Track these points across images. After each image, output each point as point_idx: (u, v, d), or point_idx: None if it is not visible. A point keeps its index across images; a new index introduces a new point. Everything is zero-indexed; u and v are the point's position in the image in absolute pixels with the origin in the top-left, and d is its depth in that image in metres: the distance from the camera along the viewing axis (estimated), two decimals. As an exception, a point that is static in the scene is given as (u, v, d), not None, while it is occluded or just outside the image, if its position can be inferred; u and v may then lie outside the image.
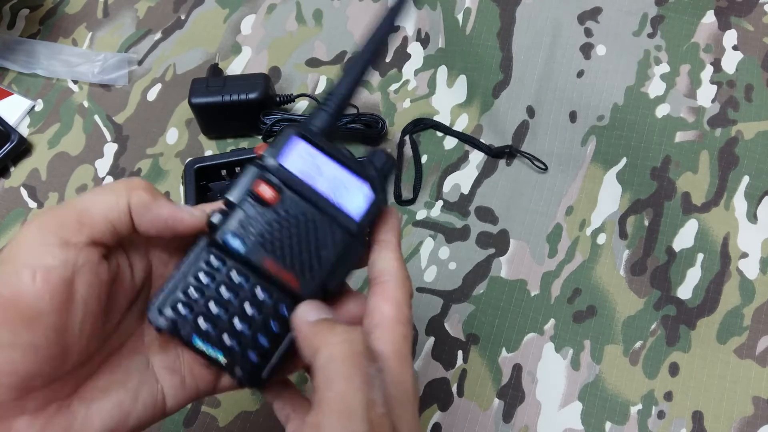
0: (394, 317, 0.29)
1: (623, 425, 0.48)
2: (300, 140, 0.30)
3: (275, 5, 0.66)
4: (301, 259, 0.29)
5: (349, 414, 0.24)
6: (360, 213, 0.30)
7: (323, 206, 0.30)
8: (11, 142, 0.59)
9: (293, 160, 0.30)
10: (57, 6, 0.68)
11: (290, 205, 0.30)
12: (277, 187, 0.29)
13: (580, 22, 0.62)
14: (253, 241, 0.29)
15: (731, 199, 0.55)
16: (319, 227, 0.30)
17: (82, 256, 0.26)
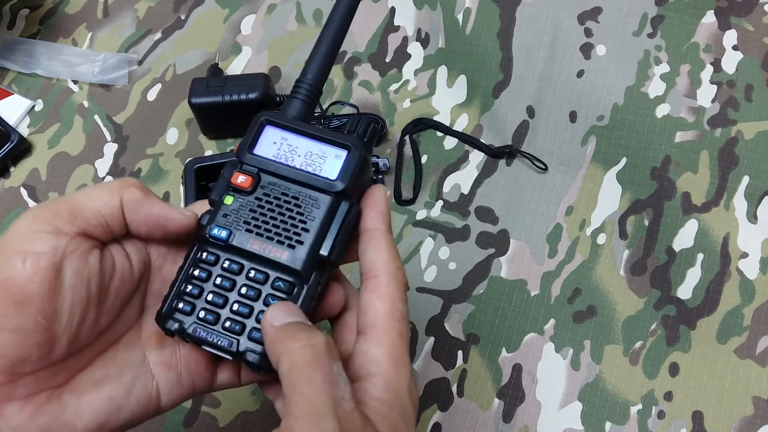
0: (388, 314, 0.28)
1: (623, 425, 0.48)
2: (269, 126, 0.31)
3: (275, 5, 0.66)
4: (287, 232, 0.30)
5: (316, 414, 0.24)
6: (337, 171, 0.30)
7: (301, 179, 0.30)
8: (11, 142, 0.59)
9: (265, 147, 0.31)
10: (57, 6, 0.68)
11: (269, 187, 0.30)
12: (252, 174, 0.30)
13: (580, 22, 0.62)
14: (238, 227, 0.30)
15: (731, 199, 0.55)
16: (300, 199, 0.30)
17: (72, 243, 0.27)
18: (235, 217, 0.30)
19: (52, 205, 0.28)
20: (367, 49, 0.63)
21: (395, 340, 0.28)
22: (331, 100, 0.61)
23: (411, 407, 0.28)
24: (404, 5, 0.64)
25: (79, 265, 0.27)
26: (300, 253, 0.29)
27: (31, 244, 0.26)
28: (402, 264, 0.30)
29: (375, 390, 0.27)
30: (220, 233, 0.30)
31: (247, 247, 0.30)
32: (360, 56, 0.63)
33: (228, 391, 0.50)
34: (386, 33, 0.63)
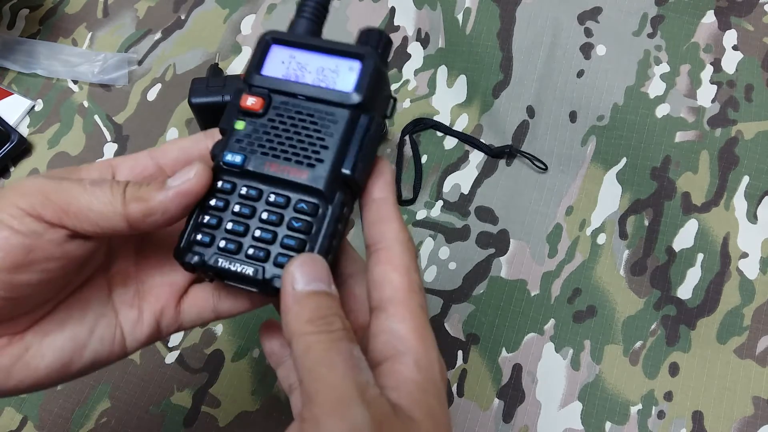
0: (407, 287, 0.26)
1: (623, 425, 0.48)
2: (275, 45, 0.29)
3: (275, 5, 0.66)
4: (305, 152, 0.28)
5: (343, 402, 0.23)
6: (353, 83, 0.28)
7: (315, 95, 0.28)
8: (11, 142, 0.59)
9: (274, 66, 0.29)
10: (57, 6, 0.68)
11: (281, 107, 0.29)
12: (263, 95, 0.29)
13: (580, 22, 0.62)
14: (252, 151, 0.28)
15: (731, 199, 0.55)
16: (316, 116, 0.28)
17: (51, 233, 0.26)
18: (248, 142, 0.28)
19: (51, 190, 0.26)
20: (367, 49, 0.63)
21: (419, 314, 0.26)
22: (331, 100, 0.61)
23: (443, 387, 0.26)
24: (404, 5, 0.64)
25: (52, 251, 0.26)
26: (321, 171, 0.27)
27: (9, 218, 0.26)
28: (411, 236, 0.28)
29: (406, 370, 0.25)
30: (234, 159, 0.28)
31: (265, 171, 0.28)
32: (360, 56, 0.63)
33: (228, 392, 0.50)
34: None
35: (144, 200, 0.27)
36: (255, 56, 0.29)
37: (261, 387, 0.50)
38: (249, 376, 0.51)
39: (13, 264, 0.26)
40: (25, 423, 0.50)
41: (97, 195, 0.26)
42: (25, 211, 0.26)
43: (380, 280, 0.27)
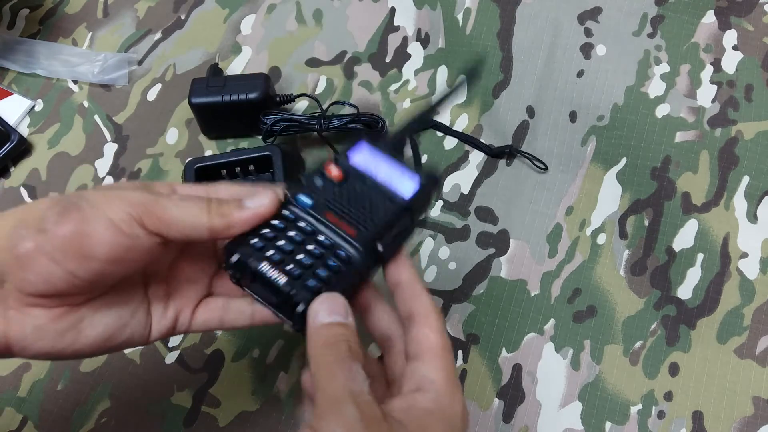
0: (442, 345, 0.32)
1: (623, 425, 0.48)
2: (364, 143, 0.37)
3: (275, 5, 0.66)
4: (358, 217, 0.34)
5: (337, 403, 0.28)
6: (410, 193, 0.35)
7: (379, 187, 0.36)
8: (11, 142, 0.59)
9: (358, 157, 0.37)
10: (57, 6, 0.68)
11: (352, 183, 0.36)
12: (343, 169, 0.36)
13: (580, 22, 0.62)
14: (320, 201, 0.35)
15: (731, 199, 0.55)
16: (374, 199, 0.35)
17: (148, 239, 0.32)
18: (319, 194, 0.35)
19: (150, 202, 0.32)
20: (367, 49, 0.63)
21: (451, 369, 0.32)
22: (331, 100, 0.61)
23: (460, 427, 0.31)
24: (404, 5, 0.64)
25: (143, 253, 0.32)
26: (365, 235, 0.34)
27: (120, 221, 0.31)
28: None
29: (423, 400, 0.31)
30: (306, 200, 0.35)
31: (324, 218, 0.34)
32: (360, 56, 0.63)
33: (228, 391, 0.50)
34: (386, 33, 0.63)
35: (226, 216, 0.33)
36: (348, 144, 0.37)
37: (261, 387, 0.50)
38: (249, 376, 0.51)
39: (112, 258, 0.31)
40: (25, 423, 0.50)
41: (186, 208, 0.33)
42: (132, 217, 0.31)
43: (420, 338, 0.33)
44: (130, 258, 0.32)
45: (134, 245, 0.32)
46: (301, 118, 0.56)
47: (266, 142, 0.57)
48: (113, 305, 0.34)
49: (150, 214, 0.32)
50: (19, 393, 0.51)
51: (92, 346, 0.33)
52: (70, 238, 0.30)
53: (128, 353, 0.52)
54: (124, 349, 0.35)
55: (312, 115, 0.57)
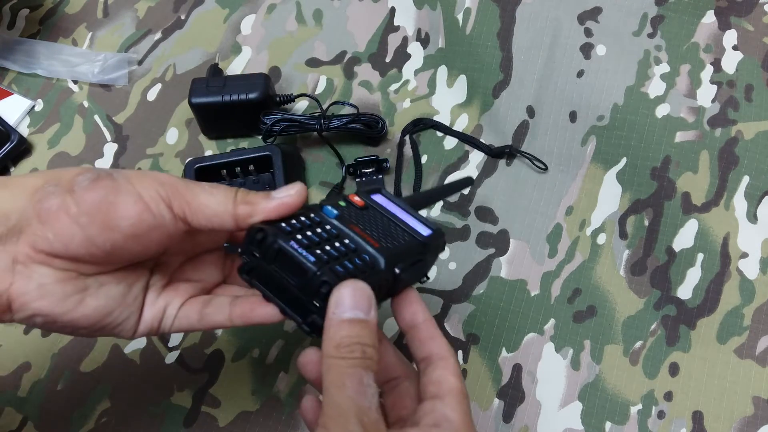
0: (462, 390, 0.33)
1: (623, 425, 0.48)
2: (380, 195, 0.38)
3: (275, 5, 0.66)
4: (381, 234, 0.35)
5: (343, 418, 0.28)
6: (426, 232, 0.36)
7: (399, 221, 0.36)
8: (11, 142, 0.59)
9: (377, 198, 0.38)
10: (57, 6, 0.68)
11: (373, 212, 0.36)
12: (365, 200, 0.37)
13: (580, 22, 0.62)
14: (344, 214, 0.35)
15: (731, 199, 0.55)
16: (394, 228, 0.36)
17: (173, 223, 0.32)
18: (343, 210, 0.35)
19: (180, 186, 0.32)
20: (367, 49, 0.63)
21: (469, 412, 0.33)
22: (331, 100, 0.61)
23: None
24: (404, 5, 0.64)
25: (164, 236, 0.32)
26: (387, 249, 0.34)
27: (149, 199, 0.31)
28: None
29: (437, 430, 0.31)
30: (331, 211, 0.35)
31: (348, 229, 0.34)
32: (360, 56, 0.63)
33: (228, 391, 0.50)
34: (386, 33, 0.63)
35: (252, 204, 0.33)
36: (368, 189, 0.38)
37: (261, 387, 0.50)
38: (249, 376, 0.51)
39: (134, 233, 0.31)
40: (25, 423, 0.50)
41: (215, 194, 0.33)
42: (161, 197, 0.32)
43: (440, 380, 0.33)
44: (150, 238, 0.32)
45: (158, 225, 0.32)
46: (301, 118, 0.56)
47: (266, 142, 0.57)
48: (119, 282, 0.34)
49: (179, 197, 0.32)
50: (19, 393, 0.51)
51: (89, 318, 0.33)
52: (98, 205, 0.31)
53: (128, 353, 0.52)
54: (112, 335, 0.35)
55: (312, 115, 0.57)
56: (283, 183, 0.52)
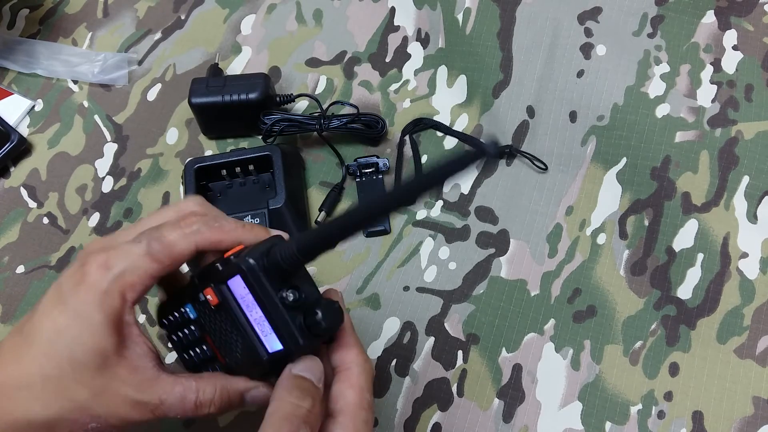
0: (357, 403, 0.32)
1: (623, 425, 0.48)
2: (238, 277, 0.31)
3: (275, 5, 0.66)
4: (227, 351, 0.33)
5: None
6: (273, 350, 0.32)
7: (248, 330, 0.32)
8: (11, 142, 0.59)
9: (235, 286, 0.32)
10: (57, 6, 0.68)
11: (225, 314, 0.32)
12: (220, 296, 0.32)
13: (580, 22, 0.62)
14: (202, 316, 0.34)
15: (731, 199, 0.55)
16: (242, 340, 0.32)
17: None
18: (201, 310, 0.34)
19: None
20: (367, 49, 0.63)
21: (361, 428, 0.32)
22: (331, 100, 0.61)
23: None
24: (404, 5, 0.64)
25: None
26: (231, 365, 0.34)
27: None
28: (370, 360, 0.34)
29: None
30: (192, 311, 0.34)
31: (203, 337, 0.34)
32: (360, 56, 0.63)
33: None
34: (386, 33, 0.63)
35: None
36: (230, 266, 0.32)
37: (261, 387, 0.50)
38: (249, 376, 0.51)
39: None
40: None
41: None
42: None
43: (337, 395, 0.32)
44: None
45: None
46: (301, 118, 0.56)
47: (266, 142, 0.57)
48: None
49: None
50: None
51: None
52: None
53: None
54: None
55: (312, 115, 0.57)
56: (283, 183, 0.52)
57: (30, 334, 0.32)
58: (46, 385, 0.31)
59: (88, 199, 0.58)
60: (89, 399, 0.31)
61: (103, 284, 0.31)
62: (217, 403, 0.33)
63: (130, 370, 0.32)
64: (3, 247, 0.57)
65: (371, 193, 0.56)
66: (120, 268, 0.32)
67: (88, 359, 0.31)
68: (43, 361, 0.31)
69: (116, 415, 0.32)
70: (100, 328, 0.31)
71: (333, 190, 0.57)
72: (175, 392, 0.33)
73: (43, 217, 0.58)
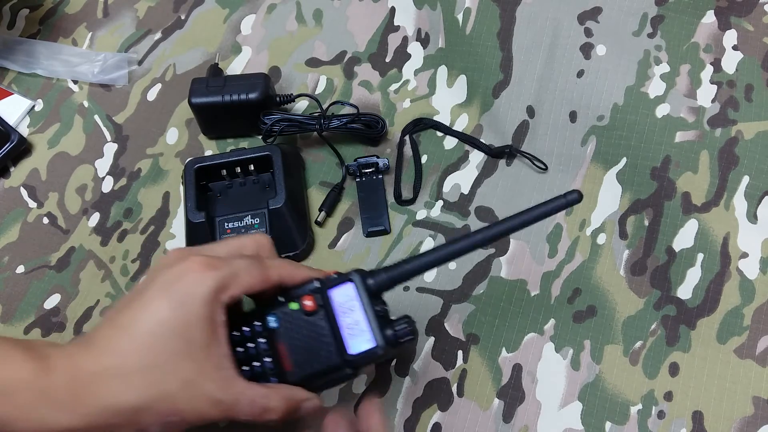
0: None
1: (623, 425, 0.48)
2: (350, 284, 0.38)
3: (275, 5, 0.66)
4: (301, 355, 0.38)
5: None
6: (355, 352, 0.37)
7: (337, 334, 0.38)
8: (11, 142, 0.59)
9: (338, 294, 0.38)
10: (57, 6, 0.68)
11: (317, 320, 0.38)
12: (319, 301, 0.38)
13: (580, 22, 0.62)
14: (283, 325, 0.38)
15: (731, 199, 0.55)
16: (325, 344, 0.38)
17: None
18: (284, 318, 0.38)
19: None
20: (367, 49, 0.63)
21: None
22: (331, 100, 0.61)
23: None
24: (404, 5, 0.64)
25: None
26: (296, 374, 0.38)
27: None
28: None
29: None
30: (270, 321, 0.38)
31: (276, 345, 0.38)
32: (360, 56, 0.63)
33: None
34: (386, 33, 0.63)
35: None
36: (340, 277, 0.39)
37: (261, 387, 0.50)
38: (249, 376, 0.51)
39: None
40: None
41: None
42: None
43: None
44: None
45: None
46: (301, 118, 0.56)
47: (266, 142, 0.57)
48: None
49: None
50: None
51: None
52: None
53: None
54: None
55: (312, 115, 0.57)
56: (283, 183, 0.52)
57: (128, 326, 0.34)
58: (142, 375, 0.33)
59: (88, 199, 0.58)
60: (177, 391, 0.34)
61: (208, 281, 0.34)
62: (281, 411, 0.36)
63: (214, 368, 0.35)
64: (3, 247, 0.57)
65: (372, 194, 0.56)
66: (225, 272, 0.35)
67: (184, 351, 0.34)
68: (142, 352, 0.33)
69: (196, 410, 0.34)
70: (199, 322, 0.34)
71: (333, 190, 0.57)
72: (247, 395, 0.35)
73: (43, 217, 0.58)
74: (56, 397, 0.32)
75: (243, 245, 0.39)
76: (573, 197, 0.37)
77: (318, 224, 0.56)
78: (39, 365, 0.33)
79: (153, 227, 0.57)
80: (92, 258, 0.56)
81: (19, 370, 0.32)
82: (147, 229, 0.57)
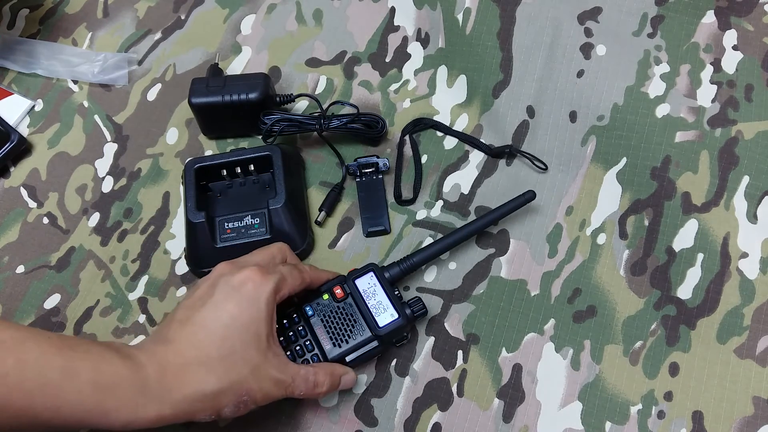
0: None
1: (623, 425, 0.48)
2: (372, 272, 0.49)
3: (275, 5, 0.66)
4: (338, 333, 0.48)
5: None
6: (384, 325, 0.47)
7: (365, 313, 0.48)
8: (11, 142, 0.59)
9: (362, 282, 0.49)
10: (57, 6, 0.68)
11: (347, 305, 0.48)
12: (346, 289, 0.49)
13: (580, 22, 0.62)
14: (317, 312, 0.48)
15: (731, 199, 0.55)
16: (356, 323, 0.48)
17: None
18: (319, 307, 0.48)
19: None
20: (367, 49, 0.63)
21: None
22: (331, 99, 0.61)
23: None
24: (404, 5, 0.64)
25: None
26: (335, 352, 0.47)
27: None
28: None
29: None
30: (307, 310, 0.48)
31: (314, 329, 0.48)
32: (360, 56, 0.63)
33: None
34: (386, 33, 0.64)
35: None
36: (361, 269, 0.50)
37: (261, 387, 0.50)
38: (249, 376, 0.51)
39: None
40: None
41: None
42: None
43: None
44: None
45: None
46: (301, 118, 0.56)
47: (266, 142, 0.57)
48: None
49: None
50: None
51: None
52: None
53: (128, 353, 0.52)
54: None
55: (312, 115, 0.57)
56: (283, 183, 0.52)
57: (204, 324, 0.41)
58: (222, 363, 0.40)
59: (88, 199, 0.58)
60: (248, 374, 0.41)
61: (268, 285, 0.43)
62: (327, 384, 0.44)
63: (273, 354, 0.42)
64: (3, 247, 0.57)
65: (372, 193, 0.56)
66: (277, 277, 0.43)
67: (253, 342, 0.41)
68: (219, 344, 0.40)
69: (263, 390, 0.41)
70: (263, 318, 0.42)
71: (333, 190, 0.57)
72: (301, 374, 0.43)
73: (43, 217, 0.58)
74: (150, 389, 0.38)
75: (273, 254, 0.47)
76: (529, 195, 0.51)
77: (318, 224, 0.56)
78: (130, 363, 0.38)
79: (153, 227, 0.57)
80: (92, 258, 0.56)
81: (119, 369, 0.37)
82: (147, 229, 0.57)
